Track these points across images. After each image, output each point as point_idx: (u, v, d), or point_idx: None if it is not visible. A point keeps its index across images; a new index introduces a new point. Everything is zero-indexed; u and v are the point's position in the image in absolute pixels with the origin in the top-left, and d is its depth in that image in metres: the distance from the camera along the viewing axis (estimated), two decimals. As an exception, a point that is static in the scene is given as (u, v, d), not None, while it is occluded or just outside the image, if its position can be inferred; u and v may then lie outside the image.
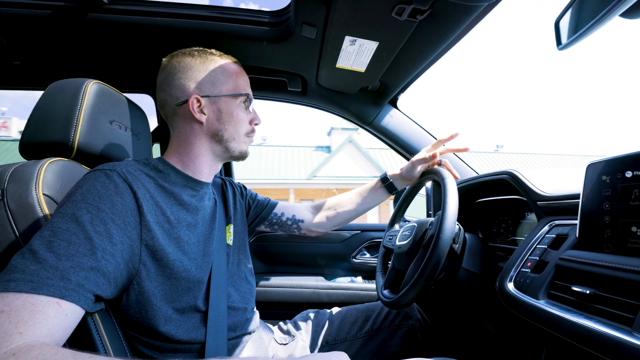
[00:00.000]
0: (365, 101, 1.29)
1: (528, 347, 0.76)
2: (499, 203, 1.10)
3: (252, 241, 1.52)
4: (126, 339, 0.62)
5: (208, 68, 0.75)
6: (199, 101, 0.73)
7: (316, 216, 1.10)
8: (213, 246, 0.74)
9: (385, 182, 1.04)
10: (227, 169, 1.57)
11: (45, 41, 1.03)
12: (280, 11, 0.99)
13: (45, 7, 0.92)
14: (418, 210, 1.55)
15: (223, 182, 0.95)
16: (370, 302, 1.09)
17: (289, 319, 1.05)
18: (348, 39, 0.87)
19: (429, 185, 1.38)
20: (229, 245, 0.83)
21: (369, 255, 1.54)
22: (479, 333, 1.06)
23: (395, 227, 1.14)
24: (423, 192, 1.36)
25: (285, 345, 0.92)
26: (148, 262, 0.60)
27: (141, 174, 0.65)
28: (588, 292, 0.53)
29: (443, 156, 1.07)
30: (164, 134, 1.31)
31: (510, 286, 0.70)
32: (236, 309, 0.76)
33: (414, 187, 1.08)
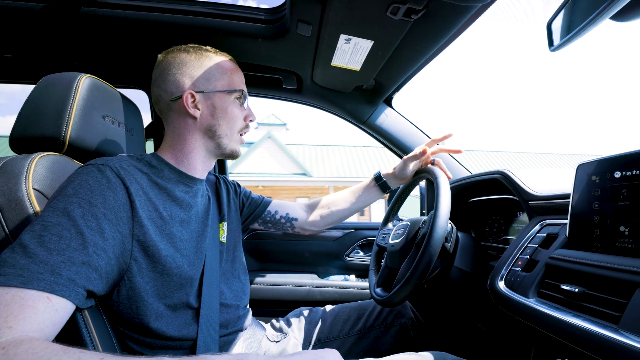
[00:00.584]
0: (360, 100, 1.29)
1: (518, 345, 0.77)
2: (491, 202, 1.11)
3: (246, 239, 1.52)
4: (116, 335, 0.62)
5: (203, 64, 0.75)
6: (193, 96, 0.73)
7: (310, 215, 1.10)
8: (206, 243, 0.74)
9: (379, 181, 1.05)
10: (221, 167, 1.56)
11: (37, 34, 1.02)
12: (276, 8, 0.99)
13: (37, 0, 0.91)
14: (412, 211, 1.56)
15: (217, 180, 0.95)
16: (363, 300, 1.09)
17: (281, 316, 1.05)
18: (343, 37, 0.87)
19: (422, 184, 1.39)
20: (222, 243, 0.83)
21: (362, 253, 1.55)
22: (470, 331, 1.07)
23: (389, 225, 1.15)
24: (417, 192, 1.37)
25: (277, 342, 0.92)
26: (140, 258, 0.60)
27: (134, 169, 0.64)
28: (577, 290, 0.54)
29: (436, 156, 1.07)
30: (157, 130, 1.31)
31: (501, 285, 0.71)
32: (228, 306, 0.76)
33: (408, 186, 1.08)
